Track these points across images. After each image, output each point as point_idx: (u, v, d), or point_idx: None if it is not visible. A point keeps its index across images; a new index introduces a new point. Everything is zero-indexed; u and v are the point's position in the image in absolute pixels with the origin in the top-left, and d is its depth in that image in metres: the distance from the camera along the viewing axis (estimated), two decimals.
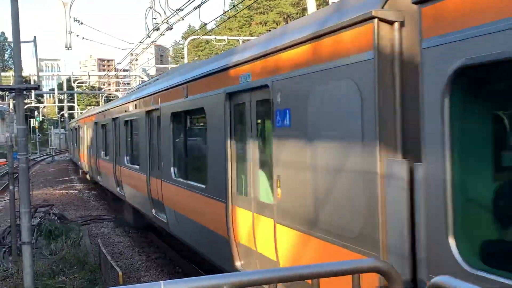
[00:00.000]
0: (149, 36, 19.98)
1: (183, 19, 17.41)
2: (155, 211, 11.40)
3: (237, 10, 60.31)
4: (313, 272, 3.04)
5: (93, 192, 26.03)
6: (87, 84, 51.82)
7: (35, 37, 11.61)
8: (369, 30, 4.09)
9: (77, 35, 24.38)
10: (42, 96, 76.86)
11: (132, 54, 35.41)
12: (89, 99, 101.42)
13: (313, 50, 4.91)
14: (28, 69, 33.98)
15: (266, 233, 6.04)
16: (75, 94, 65.87)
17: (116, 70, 59.80)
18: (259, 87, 6.07)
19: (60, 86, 66.51)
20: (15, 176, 13.56)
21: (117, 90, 65.62)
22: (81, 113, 50.64)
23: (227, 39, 33.36)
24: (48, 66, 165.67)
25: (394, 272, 3.08)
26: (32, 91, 39.09)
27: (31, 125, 66.03)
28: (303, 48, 5.06)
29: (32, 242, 10.71)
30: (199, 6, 15.88)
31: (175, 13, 17.19)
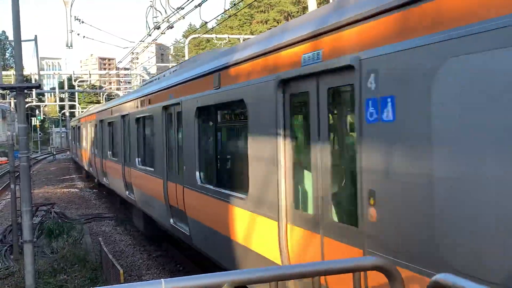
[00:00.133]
0: (150, 35, 19.99)
1: (183, 17, 17.43)
2: (173, 221, 10.07)
3: (238, 9, 60.24)
4: (314, 270, 3.03)
5: (94, 190, 26.06)
6: (88, 82, 51.77)
7: (36, 35, 11.63)
8: None
9: (78, 34, 24.38)
10: (43, 95, 76.95)
11: (133, 53, 35.40)
12: (90, 98, 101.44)
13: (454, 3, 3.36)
14: (29, 68, 34.04)
15: None
16: (76, 93, 66.05)
17: (117, 68, 59.74)
18: (335, 69, 4.63)
19: (61, 85, 66.70)
20: (16, 175, 13.60)
21: (118, 89, 65.66)
22: (82, 111, 50.64)
23: (228, 37, 33.34)
24: (49, 65, 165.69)
25: (395, 270, 3.09)
26: (33, 90, 39.06)
27: (32, 124, 66.12)
28: (430, 5, 3.53)
29: (34, 241, 10.73)
30: (199, 5, 15.88)
31: (176, 11, 17.21)
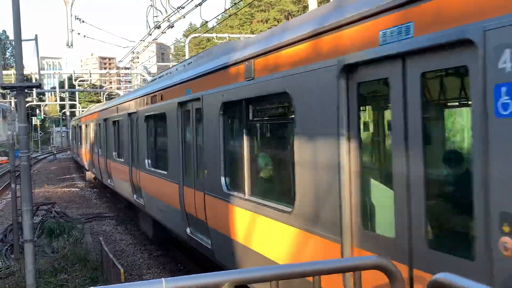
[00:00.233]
0: (150, 34, 19.98)
1: (184, 17, 17.43)
2: (191, 230, 9.05)
3: (238, 8, 60.23)
4: (314, 269, 3.03)
5: (95, 190, 26.08)
6: (89, 82, 51.80)
7: (36, 35, 11.62)
8: None
9: (79, 33, 24.42)
10: (43, 94, 76.95)
11: (133, 52, 35.43)
12: (90, 97, 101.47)
13: None
14: (30, 67, 34.08)
15: None
16: (77, 92, 66.12)
17: (118, 68, 59.75)
18: (437, 47, 3.52)
19: (61, 84, 66.73)
20: (17, 174, 13.61)
21: (118, 88, 65.66)
22: (82, 111, 50.60)
23: (228, 37, 33.35)
24: (50, 64, 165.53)
25: (395, 269, 3.08)
26: (34, 89, 39.06)
27: (33, 123, 66.25)
28: None
29: (34, 240, 10.73)
30: (200, 4, 15.88)
31: (176, 11, 17.20)
